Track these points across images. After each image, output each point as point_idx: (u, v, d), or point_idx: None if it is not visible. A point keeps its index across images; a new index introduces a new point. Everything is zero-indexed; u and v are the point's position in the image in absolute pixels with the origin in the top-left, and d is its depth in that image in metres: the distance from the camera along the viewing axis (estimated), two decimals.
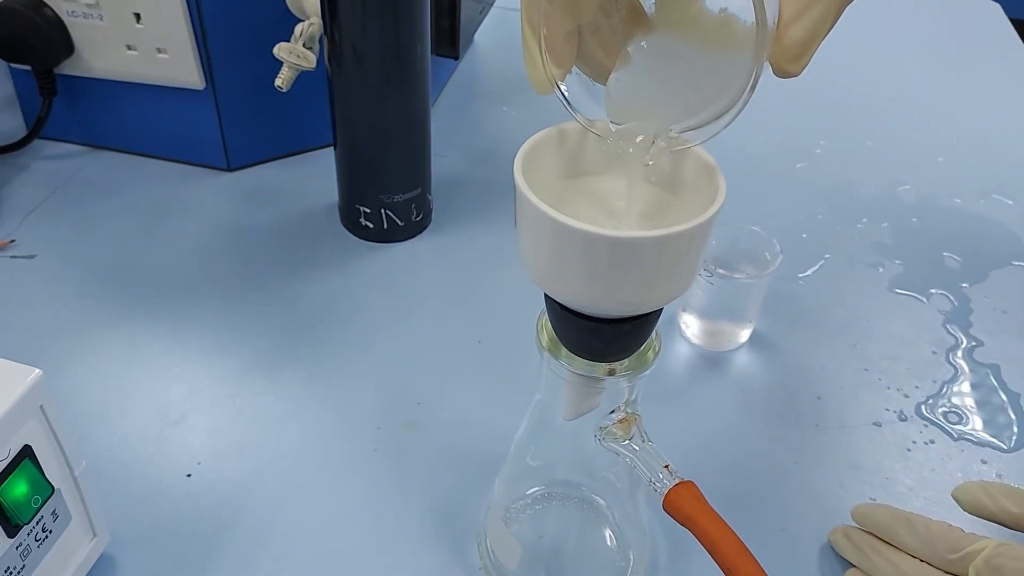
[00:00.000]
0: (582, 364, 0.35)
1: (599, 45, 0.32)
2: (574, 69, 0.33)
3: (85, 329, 0.57)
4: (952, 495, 0.44)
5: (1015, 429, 0.54)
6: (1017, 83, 0.92)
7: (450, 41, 0.75)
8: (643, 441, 0.35)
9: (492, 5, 0.89)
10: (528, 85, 0.32)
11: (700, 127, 0.31)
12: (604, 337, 0.33)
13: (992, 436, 0.53)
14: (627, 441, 0.36)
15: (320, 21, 0.59)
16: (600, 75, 0.33)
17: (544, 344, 0.36)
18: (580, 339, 0.34)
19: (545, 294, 0.34)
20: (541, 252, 0.30)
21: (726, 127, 0.30)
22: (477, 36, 0.90)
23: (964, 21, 1.04)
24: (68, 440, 0.38)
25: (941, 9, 1.06)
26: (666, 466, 0.34)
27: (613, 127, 0.32)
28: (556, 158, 0.34)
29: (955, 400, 0.56)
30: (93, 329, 0.57)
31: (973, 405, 0.55)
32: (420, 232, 0.66)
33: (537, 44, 0.31)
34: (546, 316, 0.35)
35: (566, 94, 0.32)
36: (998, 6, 1.04)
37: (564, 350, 0.35)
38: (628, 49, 0.32)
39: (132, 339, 0.57)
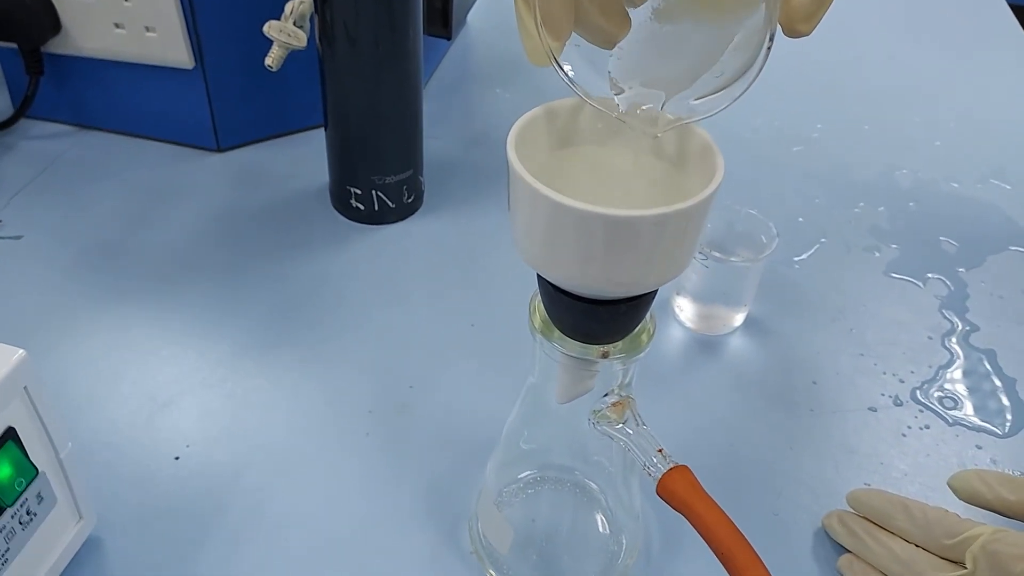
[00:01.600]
0: (575, 346, 0.34)
1: (599, 11, 0.31)
2: (574, 38, 0.31)
3: (73, 311, 0.57)
4: (948, 483, 0.44)
5: (1010, 415, 0.53)
6: (1015, 67, 0.91)
7: (443, 21, 0.74)
8: (637, 425, 0.35)
9: None
10: (522, 64, 0.32)
11: (711, 96, 0.30)
12: (598, 319, 0.32)
13: (987, 422, 0.53)
14: (621, 424, 0.35)
15: None
16: (603, 41, 0.32)
17: (537, 326, 0.35)
18: (574, 321, 0.33)
19: (538, 275, 0.33)
20: (535, 231, 0.30)
21: (740, 96, 0.29)
22: (470, 17, 0.89)
23: (962, 4, 1.03)
24: (53, 422, 0.38)
25: None
26: (660, 450, 0.34)
27: (617, 100, 0.31)
28: (550, 132, 0.33)
29: (950, 385, 0.55)
30: (81, 311, 0.57)
31: (968, 390, 0.55)
32: (412, 214, 0.65)
33: (532, 15, 0.30)
34: (539, 297, 0.35)
35: (565, 68, 0.31)
36: None
37: (557, 332, 0.34)
38: (631, 12, 0.31)
39: (121, 321, 0.56)
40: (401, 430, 0.50)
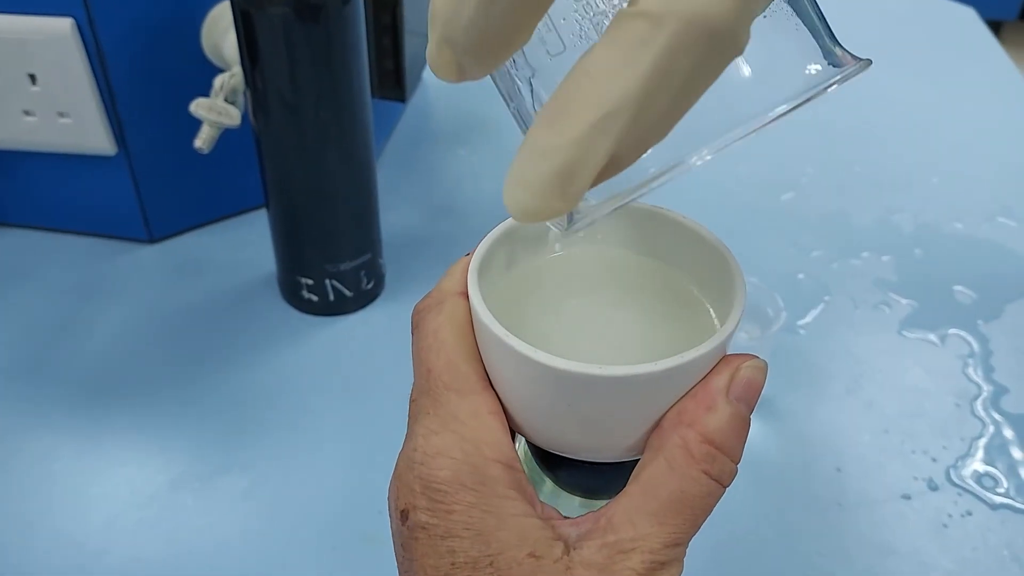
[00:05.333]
0: (571, 502, 0.27)
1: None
2: None
3: None
4: None
5: None
6: (1002, 90, 0.87)
7: (396, 82, 0.68)
8: None
9: None
10: (486, 122, 0.26)
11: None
12: (604, 475, 0.26)
13: None
14: None
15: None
16: None
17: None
18: (570, 479, 0.26)
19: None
20: (514, 394, 0.23)
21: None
22: (426, 74, 0.83)
23: (940, 30, 0.99)
24: None
25: (915, 20, 1.00)
26: None
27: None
28: (519, 247, 0.27)
29: (987, 460, 0.49)
30: None
31: (1008, 465, 0.49)
32: (373, 301, 0.58)
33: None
34: (521, 443, 0.28)
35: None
36: (973, 11, 0.99)
37: (548, 483, 0.28)
38: None
39: (44, 453, 0.49)
40: (370, 568, 0.43)
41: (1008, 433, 0.51)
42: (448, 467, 0.23)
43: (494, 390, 0.25)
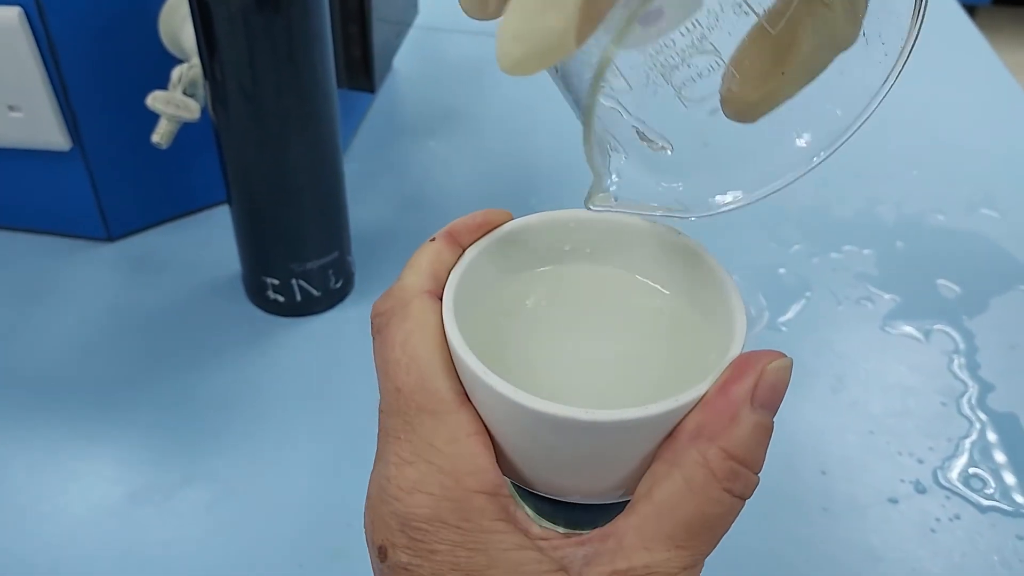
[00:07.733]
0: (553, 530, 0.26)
1: None
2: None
3: None
4: None
5: None
6: (983, 78, 0.86)
7: (364, 71, 0.66)
8: None
9: (410, 25, 0.80)
10: (458, 113, 0.24)
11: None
12: (588, 511, 0.24)
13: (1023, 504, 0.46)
14: None
15: None
16: None
17: None
18: (554, 513, 0.24)
19: None
20: (492, 432, 0.21)
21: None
22: (396, 62, 0.80)
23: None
24: None
25: None
26: None
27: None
28: (509, 257, 0.25)
29: (974, 460, 0.48)
30: None
31: (995, 465, 0.48)
32: (342, 300, 0.56)
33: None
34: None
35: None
36: None
37: (530, 511, 0.26)
38: None
39: None
40: None
41: (995, 433, 0.50)
42: (426, 504, 0.21)
43: (473, 406, 0.23)
